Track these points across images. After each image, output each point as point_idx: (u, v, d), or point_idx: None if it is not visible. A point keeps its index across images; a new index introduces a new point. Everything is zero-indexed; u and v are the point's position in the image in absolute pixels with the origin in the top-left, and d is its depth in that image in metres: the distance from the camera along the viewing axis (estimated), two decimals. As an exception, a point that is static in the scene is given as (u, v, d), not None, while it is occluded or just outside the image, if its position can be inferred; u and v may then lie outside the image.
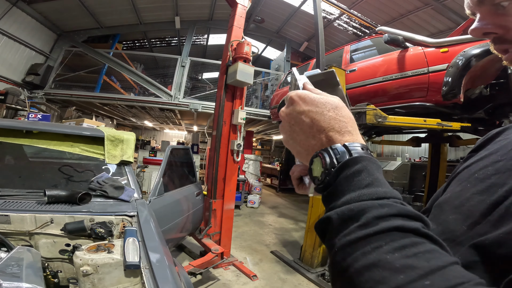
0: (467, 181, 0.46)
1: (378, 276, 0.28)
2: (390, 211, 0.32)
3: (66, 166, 2.22)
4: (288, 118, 0.45)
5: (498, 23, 0.46)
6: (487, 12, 0.47)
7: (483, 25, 0.48)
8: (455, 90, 3.06)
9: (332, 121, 0.41)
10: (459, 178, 0.50)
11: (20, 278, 1.00)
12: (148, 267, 1.24)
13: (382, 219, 0.32)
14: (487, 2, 0.46)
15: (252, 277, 3.45)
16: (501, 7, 0.45)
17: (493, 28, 0.47)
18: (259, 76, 9.03)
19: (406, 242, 0.30)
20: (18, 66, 6.73)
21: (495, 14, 0.46)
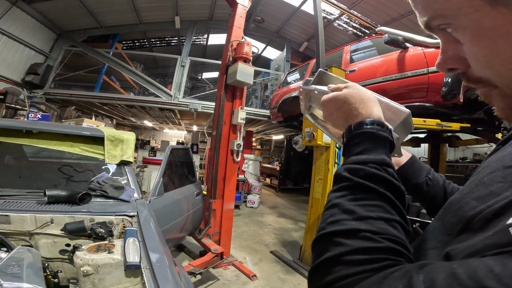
0: (476, 184, 0.44)
1: (332, 212, 0.44)
2: (362, 173, 0.46)
3: (66, 166, 2.22)
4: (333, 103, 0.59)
5: (456, 55, 0.41)
6: (444, 40, 0.42)
7: (444, 59, 0.43)
8: (455, 90, 3.07)
9: (352, 110, 0.55)
10: (475, 178, 0.48)
11: (20, 278, 1.00)
12: (149, 267, 1.24)
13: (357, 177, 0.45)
14: (433, 27, 0.41)
15: (252, 277, 3.46)
16: (450, 35, 0.39)
17: (453, 63, 0.42)
18: (259, 76, 9.04)
19: (362, 196, 0.44)
20: (17, 65, 6.72)
21: (452, 43, 0.40)
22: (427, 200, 0.76)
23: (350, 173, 0.46)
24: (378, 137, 0.50)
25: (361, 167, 0.46)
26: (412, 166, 0.77)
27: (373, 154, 0.48)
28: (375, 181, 0.45)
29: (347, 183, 0.46)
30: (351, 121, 0.55)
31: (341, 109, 0.57)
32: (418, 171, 0.77)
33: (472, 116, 3.50)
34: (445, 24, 0.39)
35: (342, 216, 0.42)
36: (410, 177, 0.76)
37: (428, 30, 0.43)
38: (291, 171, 11.99)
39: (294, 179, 12.08)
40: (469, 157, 8.00)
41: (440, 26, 0.40)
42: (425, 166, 0.78)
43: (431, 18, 0.39)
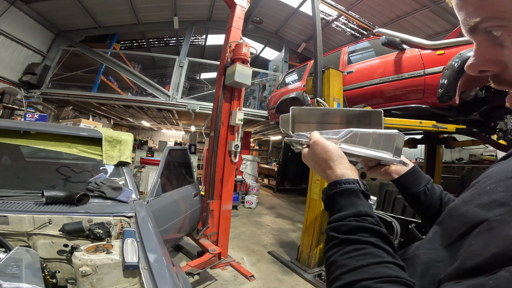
0: (478, 193, 0.47)
1: (331, 270, 0.48)
2: (344, 228, 0.51)
3: (64, 167, 2.22)
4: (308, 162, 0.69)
5: (494, 58, 0.41)
6: (482, 43, 0.42)
7: (478, 61, 0.43)
8: (451, 92, 3.09)
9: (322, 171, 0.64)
10: (477, 187, 0.50)
11: (19, 278, 1.00)
12: (147, 267, 1.25)
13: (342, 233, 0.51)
14: (480, 30, 0.40)
15: (250, 277, 3.46)
16: (496, 38, 0.39)
17: (488, 65, 0.42)
18: (257, 77, 9.04)
19: (350, 249, 0.48)
20: (15, 65, 6.69)
21: (491, 44, 0.40)
22: (423, 209, 0.79)
23: (334, 231, 0.52)
24: (349, 193, 0.56)
25: (342, 223, 0.52)
26: (412, 176, 0.80)
27: (349, 209, 0.54)
28: (357, 233, 0.50)
29: (335, 241, 0.51)
30: (326, 180, 0.62)
31: (315, 168, 0.66)
32: (418, 180, 0.80)
33: (467, 117, 3.53)
34: (497, 26, 0.38)
35: (339, 272, 0.46)
36: (409, 186, 0.80)
37: (470, 31, 0.42)
38: (289, 172, 12.00)
39: (292, 180, 12.09)
40: (465, 158, 8.04)
41: (487, 28, 0.39)
42: (425, 176, 0.81)
43: (485, 19, 0.39)
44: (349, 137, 0.66)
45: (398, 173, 0.80)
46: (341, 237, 0.50)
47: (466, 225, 0.43)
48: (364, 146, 0.65)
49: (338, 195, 0.57)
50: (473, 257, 0.36)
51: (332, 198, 0.58)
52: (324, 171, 0.62)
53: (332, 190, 0.58)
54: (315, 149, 0.64)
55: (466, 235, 0.42)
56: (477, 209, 0.43)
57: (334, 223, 0.54)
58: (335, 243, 0.51)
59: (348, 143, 0.66)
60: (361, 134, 0.65)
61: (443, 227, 0.52)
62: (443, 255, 0.47)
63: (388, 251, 0.47)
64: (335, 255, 0.49)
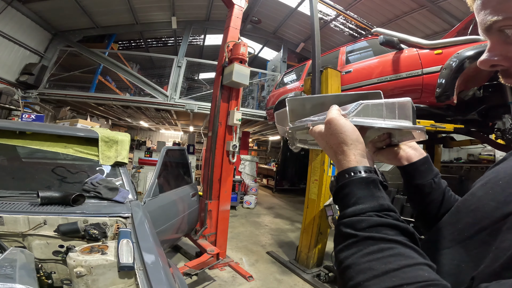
0: (491, 187, 0.47)
1: (349, 275, 0.41)
2: (364, 224, 0.44)
3: (59, 167, 2.20)
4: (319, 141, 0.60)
5: (505, 54, 0.45)
6: (496, 41, 0.45)
7: (490, 56, 0.46)
8: (449, 91, 3.09)
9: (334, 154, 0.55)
10: (487, 181, 0.51)
11: (13, 279, 0.99)
12: (142, 268, 1.24)
13: (361, 230, 0.43)
14: (494, 29, 0.44)
15: (248, 277, 3.45)
16: (508, 36, 0.43)
17: (499, 60, 0.45)
18: (255, 77, 9.04)
19: (374, 249, 0.41)
20: (12, 65, 6.66)
21: (503, 44, 0.44)
22: (422, 204, 0.73)
23: (351, 227, 0.44)
24: (367, 183, 0.49)
25: (361, 218, 0.44)
26: (423, 166, 0.72)
27: (369, 202, 0.46)
28: (380, 230, 0.43)
29: (353, 239, 0.43)
30: (336, 166, 0.55)
31: (326, 150, 0.57)
32: (427, 172, 0.72)
33: (465, 117, 3.53)
34: (510, 26, 0.42)
35: (361, 277, 0.39)
36: (417, 175, 0.72)
37: (486, 30, 0.45)
38: (288, 172, 12.01)
39: (291, 180, 12.10)
40: (463, 157, 8.06)
41: (501, 27, 0.43)
42: (434, 168, 0.74)
43: (505, 19, 0.42)
44: (360, 110, 0.58)
45: (409, 159, 0.71)
46: (362, 234, 0.43)
47: (485, 220, 0.43)
48: (379, 117, 0.58)
49: (353, 184, 0.49)
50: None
51: (345, 188, 0.49)
52: (336, 155, 0.54)
53: (345, 179, 0.50)
54: (329, 128, 0.55)
55: (484, 230, 0.42)
56: (494, 203, 0.43)
57: (350, 218, 0.45)
58: (353, 242, 0.43)
59: (360, 117, 0.59)
60: (373, 105, 0.58)
61: (453, 224, 0.51)
62: (458, 252, 0.46)
63: (419, 251, 0.42)
64: (354, 256, 0.42)
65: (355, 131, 0.54)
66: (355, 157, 0.51)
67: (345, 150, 0.52)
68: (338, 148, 0.53)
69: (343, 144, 0.53)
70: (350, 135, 0.53)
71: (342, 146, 0.53)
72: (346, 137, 0.53)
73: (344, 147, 0.52)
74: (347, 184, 0.49)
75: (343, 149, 0.52)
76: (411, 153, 0.72)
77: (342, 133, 0.53)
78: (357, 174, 0.49)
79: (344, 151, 0.52)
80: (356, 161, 0.51)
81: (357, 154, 0.52)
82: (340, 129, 0.53)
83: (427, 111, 3.45)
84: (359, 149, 0.52)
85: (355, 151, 0.52)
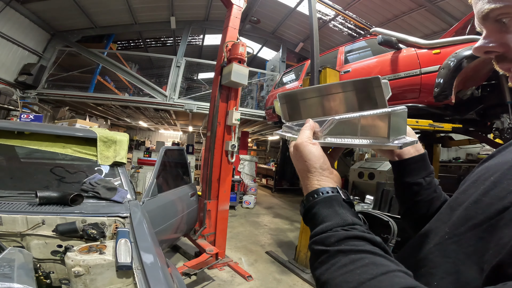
0: (482, 183, 0.47)
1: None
2: (332, 240, 0.45)
3: (58, 167, 2.20)
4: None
5: (500, 41, 0.46)
6: (491, 29, 0.47)
7: (485, 43, 0.48)
8: (447, 91, 3.10)
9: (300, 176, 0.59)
10: (477, 178, 0.51)
11: (11, 278, 1.00)
12: (140, 268, 1.24)
13: (331, 245, 0.44)
14: (491, 17, 0.45)
15: (247, 277, 3.46)
16: (503, 24, 0.45)
17: (495, 47, 0.47)
18: (254, 77, 9.04)
19: (346, 261, 0.41)
20: (10, 65, 6.65)
21: (499, 32, 0.46)
22: (409, 201, 0.70)
23: (322, 244, 0.46)
24: (329, 202, 0.51)
25: (328, 234, 0.46)
26: (415, 164, 0.69)
27: (333, 218, 0.48)
28: (349, 242, 0.44)
29: (325, 255, 0.44)
30: (303, 189, 0.57)
31: (298, 173, 0.60)
32: (419, 170, 0.69)
33: (464, 116, 3.54)
34: (506, 14, 0.43)
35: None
36: (407, 173, 0.69)
37: (483, 19, 0.47)
38: (287, 172, 11.98)
39: (290, 180, 12.08)
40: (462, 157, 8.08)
41: (498, 16, 0.44)
42: (429, 167, 0.71)
43: (503, 7, 0.43)
44: (333, 127, 0.58)
45: (400, 156, 0.69)
46: (332, 249, 0.44)
47: (479, 216, 0.43)
48: (353, 134, 0.56)
49: (317, 205, 0.51)
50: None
51: (311, 209, 0.52)
52: (302, 179, 0.58)
53: (310, 202, 0.53)
54: (295, 153, 0.59)
55: (479, 226, 0.42)
56: (487, 199, 0.43)
57: (318, 236, 0.47)
58: (325, 258, 0.44)
59: (333, 135, 0.58)
60: (347, 121, 0.56)
61: (444, 222, 0.51)
62: (451, 249, 0.46)
63: (390, 259, 0.42)
64: (328, 271, 0.42)
65: (320, 158, 0.56)
66: (318, 182, 0.55)
67: (309, 177, 0.56)
68: (303, 174, 0.57)
69: (307, 171, 0.56)
70: (314, 163, 0.56)
71: (306, 173, 0.56)
72: (309, 165, 0.56)
73: (308, 174, 0.56)
74: (313, 205, 0.52)
75: (307, 175, 0.56)
76: (408, 149, 0.69)
77: (306, 161, 0.56)
78: (320, 196, 0.52)
79: (308, 177, 0.56)
80: (319, 185, 0.54)
81: (321, 180, 0.55)
82: (305, 156, 0.56)
83: (426, 110, 3.45)
84: (323, 175, 0.55)
85: (319, 177, 0.55)
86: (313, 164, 0.56)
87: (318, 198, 0.52)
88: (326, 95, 0.66)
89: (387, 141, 0.52)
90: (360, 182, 5.69)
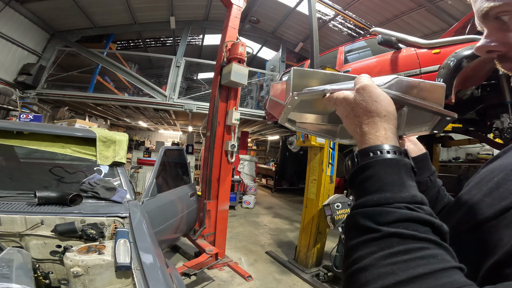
0: (485, 184, 0.47)
1: (363, 279, 0.33)
2: (390, 218, 0.36)
3: (57, 167, 2.20)
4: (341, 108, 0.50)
5: (502, 40, 0.45)
6: (492, 28, 0.46)
7: (486, 42, 0.47)
8: (447, 91, 3.09)
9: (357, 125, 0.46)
10: (481, 179, 0.51)
11: (10, 279, 0.99)
12: (140, 268, 1.24)
13: (386, 224, 0.36)
14: (490, 16, 0.44)
15: (247, 277, 3.45)
16: (504, 22, 0.44)
17: (496, 46, 0.46)
18: (254, 77, 9.03)
19: (401, 249, 0.33)
20: (10, 66, 6.64)
21: (500, 30, 0.45)
22: None
23: (373, 220, 0.36)
24: (398, 167, 0.40)
25: (387, 209, 0.37)
26: (419, 163, 0.65)
27: (398, 190, 0.38)
28: (411, 226, 0.35)
29: (373, 234, 0.36)
30: (358, 141, 0.46)
31: (348, 118, 0.48)
32: (423, 169, 0.66)
33: (464, 116, 3.54)
34: (506, 12, 0.43)
35: (381, 283, 0.32)
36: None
37: (483, 17, 0.46)
38: (287, 172, 12.02)
39: (290, 180, 12.10)
40: (462, 157, 8.08)
41: (498, 14, 0.43)
42: (431, 166, 0.69)
43: (502, 5, 0.42)
44: (394, 83, 0.51)
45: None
46: (386, 230, 0.35)
47: (479, 216, 0.43)
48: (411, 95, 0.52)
49: (380, 166, 0.40)
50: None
51: (368, 169, 0.41)
52: (361, 126, 0.45)
53: (368, 158, 0.41)
54: (361, 94, 0.46)
55: (479, 226, 0.42)
56: (489, 199, 0.43)
57: (372, 208, 0.37)
58: (373, 238, 0.35)
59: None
60: (408, 82, 0.52)
61: (447, 222, 0.50)
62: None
63: (452, 253, 0.35)
64: (373, 256, 0.34)
65: (392, 104, 0.46)
66: (385, 132, 0.43)
67: (376, 122, 0.44)
68: (368, 117, 0.44)
69: (375, 113, 0.44)
70: (386, 105, 0.45)
71: (373, 115, 0.44)
72: (381, 106, 0.44)
73: (375, 118, 0.44)
74: (372, 164, 0.41)
75: (374, 119, 0.44)
76: (410, 147, 0.67)
77: (377, 101, 0.45)
78: (386, 154, 0.41)
79: (374, 122, 0.44)
80: (386, 138, 0.43)
81: (389, 130, 0.43)
82: (375, 97, 0.45)
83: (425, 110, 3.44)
84: (392, 125, 0.44)
85: (388, 125, 0.44)
86: (386, 106, 0.44)
87: (382, 157, 0.41)
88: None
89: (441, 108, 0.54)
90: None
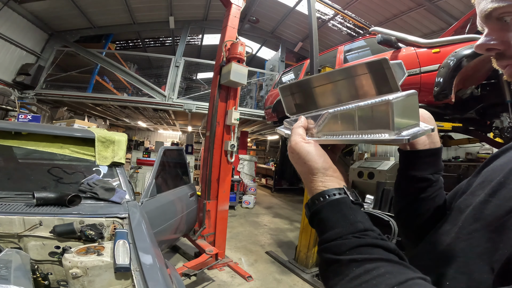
0: (489, 184, 0.48)
1: None
2: (344, 248, 0.42)
3: (55, 168, 2.19)
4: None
5: (501, 39, 0.46)
6: (493, 28, 0.47)
7: (486, 40, 0.48)
8: (447, 90, 3.09)
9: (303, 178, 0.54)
10: (484, 179, 0.52)
11: (8, 280, 0.98)
12: (139, 269, 1.23)
13: (342, 254, 0.41)
14: (493, 16, 0.45)
15: (247, 278, 3.45)
16: (505, 23, 0.45)
17: (496, 44, 0.47)
18: (253, 76, 9.03)
19: (360, 271, 0.38)
20: (8, 66, 6.62)
21: (500, 30, 0.46)
22: (408, 198, 0.65)
23: (332, 252, 0.43)
24: (338, 205, 0.47)
25: (339, 242, 0.43)
26: (429, 157, 0.62)
27: (343, 225, 0.45)
28: (362, 250, 0.41)
29: (336, 264, 0.42)
30: (307, 191, 0.53)
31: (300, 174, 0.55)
32: (429, 164, 0.63)
33: (463, 115, 3.53)
34: (508, 12, 0.44)
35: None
36: (416, 166, 0.62)
37: (486, 17, 0.47)
38: (287, 172, 11.99)
39: (290, 179, 12.09)
40: (461, 156, 8.08)
41: (500, 15, 0.44)
42: (440, 164, 0.65)
43: (507, 6, 0.43)
44: (327, 123, 0.52)
45: (413, 145, 0.62)
46: (344, 258, 0.41)
47: (487, 217, 0.44)
48: (350, 128, 0.50)
49: (324, 209, 0.47)
50: None
51: (318, 214, 0.48)
52: (306, 183, 0.53)
53: (315, 205, 0.49)
54: (292, 156, 0.54)
55: (487, 226, 0.43)
56: (495, 200, 0.44)
57: (328, 244, 0.44)
58: (337, 267, 0.41)
59: (327, 131, 0.53)
60: (342, 115, 0.50)
61: (455, 224, 0.51)
62: (460, 248, 0.46)
63: (407, 266, 0.40)
64: (341, 283, 0.40)
65: (320, 157, 0.51)
66: (322, 183, 0.50)
67: (312, 179, 0.51)
68: (306, 176, 0.52)
69: (309, 173, 0.52)
70: (314, 164, 0.51)
71: (308, 175, 0.52)
72: (310, 166, 0.51)
73: (310, 176, 0.51)
74: (319, 209, 0.48)
75: (310, 177, 0.51)
76: (422, 139, 0.62)
77: (306, 162, 0.52)
78: (326, 199, 0.48)
79: (311, 179, 0.51)
80: (324, 187, 0.50)
81: (325, 181, 0.50)
82: (303, 157, 0.52)
83: (425, 109, 3.44)
84: (326, 176, 0.51)
85: (322, 178, 0.51)
86: (314, 165, 0.51)
87: (325, 202, 0.48)
88: (334, 81, 0.59)
89: (391, 134, 0.44)
90: (360, 181, 5.68)
